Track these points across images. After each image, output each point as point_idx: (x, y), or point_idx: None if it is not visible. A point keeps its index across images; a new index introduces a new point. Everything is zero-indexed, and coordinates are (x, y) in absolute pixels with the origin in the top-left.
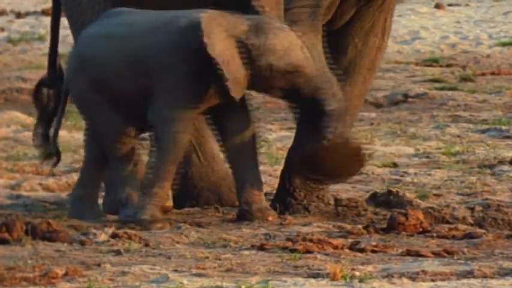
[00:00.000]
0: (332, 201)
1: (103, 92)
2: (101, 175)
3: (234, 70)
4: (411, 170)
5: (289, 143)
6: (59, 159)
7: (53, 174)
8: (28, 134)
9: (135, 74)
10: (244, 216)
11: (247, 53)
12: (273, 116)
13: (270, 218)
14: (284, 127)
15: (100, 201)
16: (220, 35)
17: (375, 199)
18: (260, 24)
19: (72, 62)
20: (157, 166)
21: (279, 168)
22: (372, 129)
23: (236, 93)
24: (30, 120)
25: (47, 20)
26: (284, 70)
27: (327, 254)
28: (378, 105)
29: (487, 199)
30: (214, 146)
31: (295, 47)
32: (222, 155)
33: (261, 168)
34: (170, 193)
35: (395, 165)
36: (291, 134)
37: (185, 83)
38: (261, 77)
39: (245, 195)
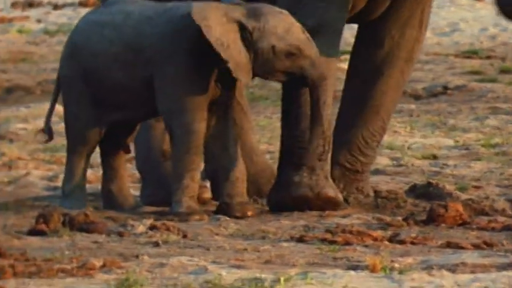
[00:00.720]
0: (371, 193)
1: (90, 83)
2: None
3: (235, 54)
4: (451, 162)
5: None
6: (50, 138)
7: (91, 166)
8: None
9: (131, 65)
10: (224, 210)
11: (249, 36)
12: None
13: (249, 213)
14: None
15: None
16: (218, 19)
17: (414, 191)
18: (259, 8)
19: (65, 48)
20: (181, 159)
21: None
22: (411, 121)
23: (242, 77)
24: None
25: (84, 12)
26: (286, 51)
27: (366, 246)
28: (417, 97)
29: None
30: (253, 138)
31: (296, 29)
32: (261, 147)
33: None
34: (208, 185)
35: (434, 157)
36: None
37: (187, 72)
38: (264, 60)
39: (227, 188)
